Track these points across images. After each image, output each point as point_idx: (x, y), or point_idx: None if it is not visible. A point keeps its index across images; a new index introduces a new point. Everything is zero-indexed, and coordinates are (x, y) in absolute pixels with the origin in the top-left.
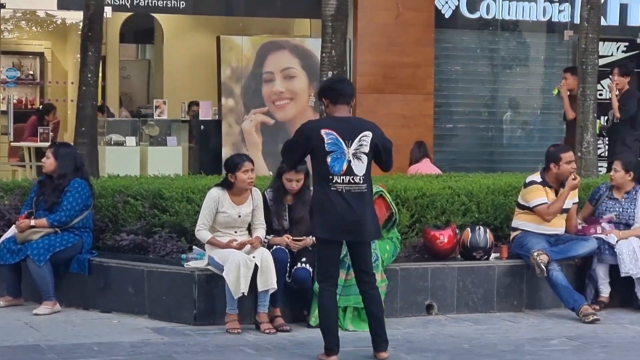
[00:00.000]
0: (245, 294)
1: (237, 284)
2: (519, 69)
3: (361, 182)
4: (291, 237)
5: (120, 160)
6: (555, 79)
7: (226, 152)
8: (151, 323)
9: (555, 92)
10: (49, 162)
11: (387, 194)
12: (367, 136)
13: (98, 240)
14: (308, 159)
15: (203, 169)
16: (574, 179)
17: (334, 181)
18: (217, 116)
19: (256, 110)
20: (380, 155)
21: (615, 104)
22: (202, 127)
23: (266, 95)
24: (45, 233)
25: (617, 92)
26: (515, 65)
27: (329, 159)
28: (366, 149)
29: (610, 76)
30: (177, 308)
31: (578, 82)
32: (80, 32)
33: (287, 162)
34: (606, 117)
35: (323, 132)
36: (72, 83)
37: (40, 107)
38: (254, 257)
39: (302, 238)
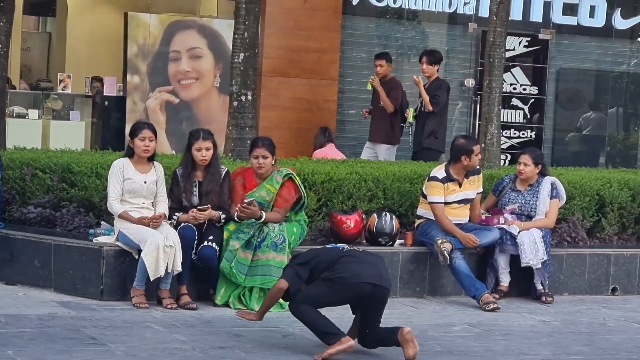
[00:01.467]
0: (163, 275)
1: (155, 266)
2: None
3: None
4: (196, 209)
5: (22, 133)
6: (457, 70)
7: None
8: (57, 297)
9: (369, 86)
10: None
11: (297, 177)
12: None
13: (4, 212)
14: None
15: (106, 145)
16: (473, 242)
17: None
18: (121, 92)
19: (161, 88)
20: None
21: (426, 97)
22: (106, 103)
23: (172, 74)
24: None
25: (426, 80)
26: (419, 54)
27: None
28: None
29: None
30: (84, 283)
31: (484, 75)
32: None
33: None
34: (416, 106)
35: None
36: None
37: None
38: (170, 243)
39: (206, 207)
